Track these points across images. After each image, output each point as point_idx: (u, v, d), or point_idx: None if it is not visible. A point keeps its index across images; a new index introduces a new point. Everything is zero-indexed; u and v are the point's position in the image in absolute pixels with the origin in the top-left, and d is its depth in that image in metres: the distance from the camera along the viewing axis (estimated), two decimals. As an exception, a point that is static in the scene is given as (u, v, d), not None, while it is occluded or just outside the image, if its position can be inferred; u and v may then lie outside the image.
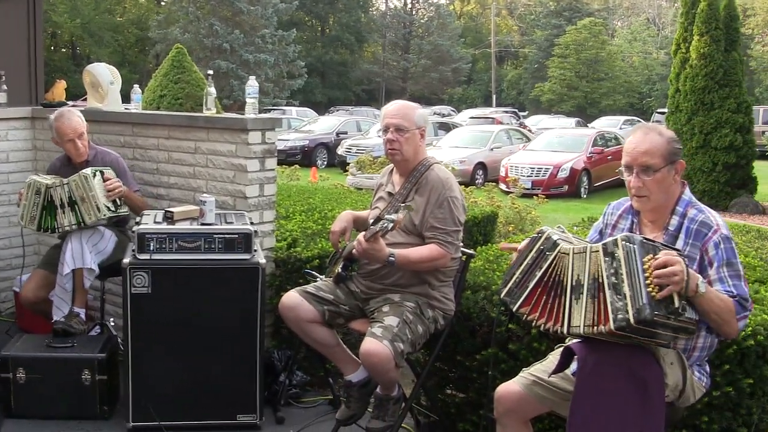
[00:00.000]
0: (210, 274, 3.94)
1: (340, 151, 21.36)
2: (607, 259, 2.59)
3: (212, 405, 4.00)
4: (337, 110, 38.10)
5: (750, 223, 10.20)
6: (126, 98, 5.56)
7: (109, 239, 4.56)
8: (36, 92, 6.78)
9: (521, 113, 37.72)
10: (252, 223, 4.17)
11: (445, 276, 3.66)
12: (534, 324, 2.81)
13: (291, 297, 3.68)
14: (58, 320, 4.39)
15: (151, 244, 3.92)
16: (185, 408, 3.98)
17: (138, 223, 4.08)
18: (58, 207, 4.42)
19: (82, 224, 4.39)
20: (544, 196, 10.55)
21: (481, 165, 18.18)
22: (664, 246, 2.62)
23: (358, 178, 14.02)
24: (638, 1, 61.21)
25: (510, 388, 2.91)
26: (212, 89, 4.82)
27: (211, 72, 5.18)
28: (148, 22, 44.99)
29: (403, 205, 3.44)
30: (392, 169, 3.85)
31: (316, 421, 4.16)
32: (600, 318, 2.56)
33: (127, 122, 5.13)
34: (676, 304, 2.49)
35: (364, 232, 3.42)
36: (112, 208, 4.43)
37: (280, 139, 21.93)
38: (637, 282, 2.50)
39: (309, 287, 3.75)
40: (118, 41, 45.47)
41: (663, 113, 18.52)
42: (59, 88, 5.90)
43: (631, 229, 2.96)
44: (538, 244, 2.81)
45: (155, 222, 4.11)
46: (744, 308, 2.70)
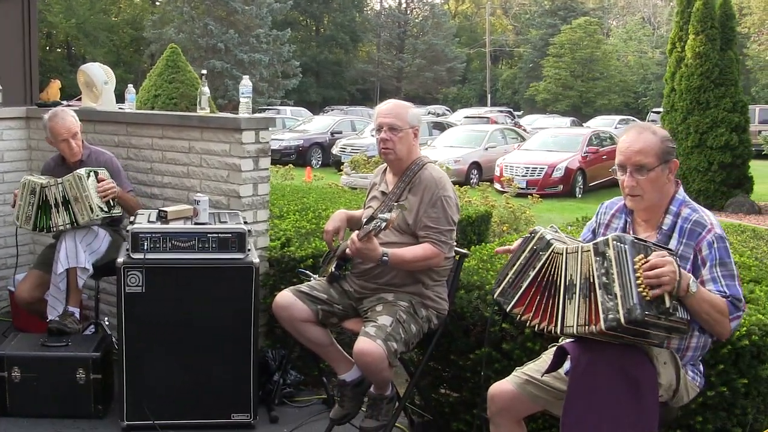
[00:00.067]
0: (204, 274, 3.94)
1: (335, 150, 21.35)
2: (598, 258, 2.59)
3: (206, 404, 4.00)
4: (332, 110, 38.11)
5: (746, 222, 10.21)
6: (120, 98, 5.56)
7: (103, 239, 4.56)
8: (31, 92, 6.77)
9: (516, 113, 37.72)
10: (246, 223, 4.17)
11: (438, 275, 3.66)
12: (528, 324, 2.80)
13: (284, 296, 3.68)
14: (53, 319, 4.39)
15: (145, 244, 3.92)
16: (179, 407, 3.98)
17: (132, 223, 4.08)
18: (53, 206, 4.42)
19: (75, 224, 4.40)
20: (538, 196, 10.56)
21: (475, 165, 18.18)
22: (656, 246, 2.62)
23: (353, 178, 14.00)
24: (633, 0, 61.29)
25: (503, 387, 2.91)
26: (206, 89, 4.82)
27: (204, 72, 5.18)
28: (142, 22, 44.93)
29: (397, 204, 3.44)
30: (386, 169, 3.86)
31: (309, 420, 4.16)
32: (592, 318, 2.57)
33: (121, 122, 5.13)
34: (667, 304, 2.49)
35: (357, 232, 3.42)
36: (105, 209, 4.43)
37: (275, 139, 21.91)
38: (628, 282, 2.50)
39: (303, 287, 3.75)
40: (113, 41, 45.39)
41: (658, 112, 18.56)
42: (54, 88, 5.90)
43: (624, 228, 2.96)
44: (531, 244, 2.81)
45: (149, 221, 4.11)
46: (737, 308, 2.70)
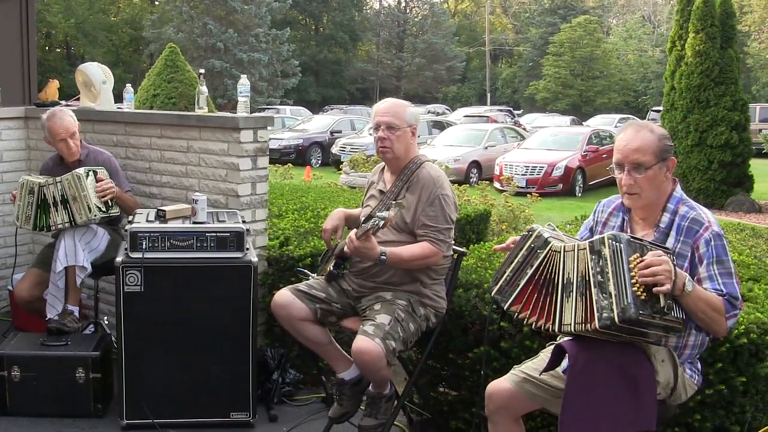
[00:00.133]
0: (202, 273, 3.94)
1: (335, 149, 21.34)
2: (593, 257, 2.60)
3: (205, 403, 4.00)
4: (332, 109, 38.11)
5: (746, 221, 10.21)
6: (119, 98, 5.56)
7: (102, 237, 4.56)
8: (29, 92, 6.77)
9: (516, 112, 37.73)
10: (244, 222, 4.17)
11: (436, 274, 3.66)
12: (525, 322, 2.81)
13: (283, 295, 3.68)
14: (52, 319, 4.39)
15: (144, 243, 3.92)
16: (179, 406, 3.99)
17: (130, 222, 4.08)
18: (51, 205, 4.42)
19: (73, 223, 4.40)
20: (537, 195, 10.55)
21: (475, 164, 18.19)
22: (653, 245, 2.62)
23: (352, 177, 14.00)
24: (633, -1, 61.33)
25: (501, 385, 2.91)
26: (204, 88, 4.82)
27: (202, 71, 5.18)
28: (142, 21, 44.93)
29: (394, 202, 3.45)
30: (383, 167, 3.86)
31: (308, 419, 4.16)
32: (587, 316, 2.57)
33: (120, 121, 5.13)
34: (661, 303, 2.49)
35: (355, 230, 3.42)
36: (104, 209, 4.43)
37: (275, 138, 21.91)
38: (623, 281, 2.50)
39: (301, 285, 3.75)
40: (112, 41, 45.39)
41: (658, 111, 18.54)
42: (52, 88, 5.89)
43: (622, 226, 2.96)
44: (528, 242, 2.81)
45: (147, 221, 4.11)
46: (734, 307, 2.69)
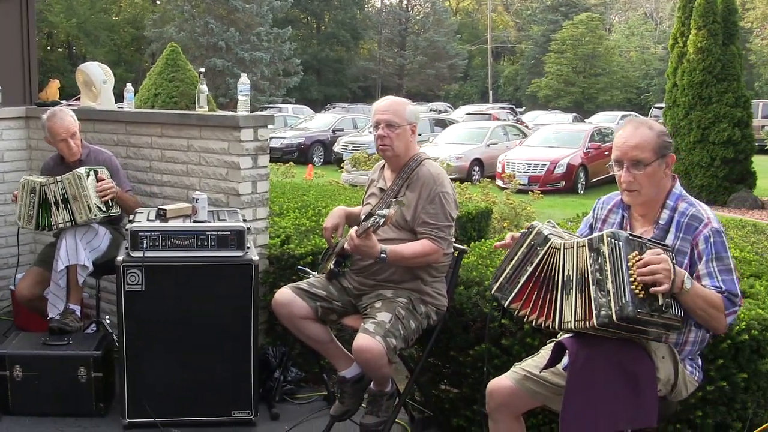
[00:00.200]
0: (203, 272, 3.94)
1: (337, 148, 21.36)
2: (592, 254, 2.59)
3: (207, 401, 4.01)
4: (334, 107, 38.11)
5: (749, 218, 10.19)
6: (120, 97, 5.56)
7: (104, 237, 4.57)
8: (30, 92, 6.77)
9: (518, 109, 37.70)
10: (245, 220, 4.18)
11: (437, 271, 3.66)
12: (525, 319, 2.81)
13: (284, 294, 3.68)
14: (54, 318, 4.40)
15: (144, 242, 3.92)
16: (180, 404, 3.99)
17: (131, 221, 4.09)
18: (53, 204, 4.42)
19: (73, 222, 4.40)
20: (539, 192, 10.54)
21: (477, 161, 18.19)
22: (652, 242, 2.62)
23: (353, 175, 14.01)
24: (635, -4, 61.21)
25: (502, 382, 2.90)
26: (204, 87, 4.82)
27: (202, 70, 5.18)
28: (143, 21, 44.96)
29: (394, 200, 3.45)
30: (384, 165, 3.86)
31: (310, 417, 4.16)
32: (587, 313, 2.57)
33: (120, 121, 5.13)
34: (660, 301, 2.49)
35: (356, 228, 3.42)
36: (104, 208, 4.43)
37: (277, 137, 21.93)
38: (621, 279, 2.50)
39: (302, 284, 3.75)
40: (114, 40, 45.43)
41: (661, 108, 18.51)
42: (53, 88, 5.90)
43: (621, 223, 2.96)
44: (528, 239, 2.81)
45: (148, 220, 4.11)
46: (733, 303, 2.69)
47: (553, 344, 2.82)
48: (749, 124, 13.61)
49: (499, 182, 15.04)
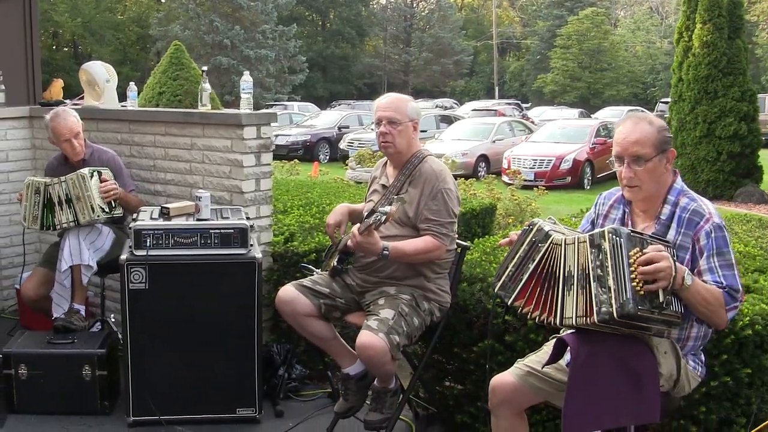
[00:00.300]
0: (206, 269, 3.95)
1: (342, 145, 21.35)
2: (593, 250, 2.59)
3: (212, 399, 4.02)
4: (339, 104, 38.09)
5: (755, 212, 10.16)
6: (124, 96, 5.57)
7: (107, 236, 4.58)
8: (34, 91, 6.79)
9: (524, 105, 37.64)
10: (248, 218, 4.18)
11: (440, 268, 3.66)
12: (529, 316, 2.80)
13: (287, 291, 3.69)
14: (59, 317, 4.41)
15: (148, 240, 3.93)
16: (185, 402, 4.00)
17: (134, 220, 4.10)
18: (56, 204, 4.44)
19: (76, 222, 4.41)
20: (544, 188, 10.53)
21: (483, 157, 18.15)
22: (653, 239, 2.61)
23: (358, 172, 14.02)
24: (641, -9, 61.01)
25: (504, 379, 2.90)
26: (207, 85, 4.83)
27: (205, 68, 5.18)
28: (148, 19, 45.03)
29: (396, 197, 3.45)
30: (386, 162, 3.85)
31: (315, 414, 4.17)
32: (588, 310, 2.56)
33: (124, 120, 5.14)
34: (660, 298, 2.49)
35: (358, 225, 3.42)
36: (107, 209, 4.44)
37: (282, 135, 21.96)
38: (622, 276, 2.49)
39: (305, 281, 3.76)
40: (119, 39, 45.54)
41: (667, 103, 18.48)
42: (56, 87, 5.90)
43: (623, 219, 2.95)
44: (529, 237, 2.80)
45: (151, 218, 4.12)
46: (734, 299, 2.68)
47: (555, 340, 2.82)
48: (755, 118, 13.55)
49: (504, 178, 15.04)
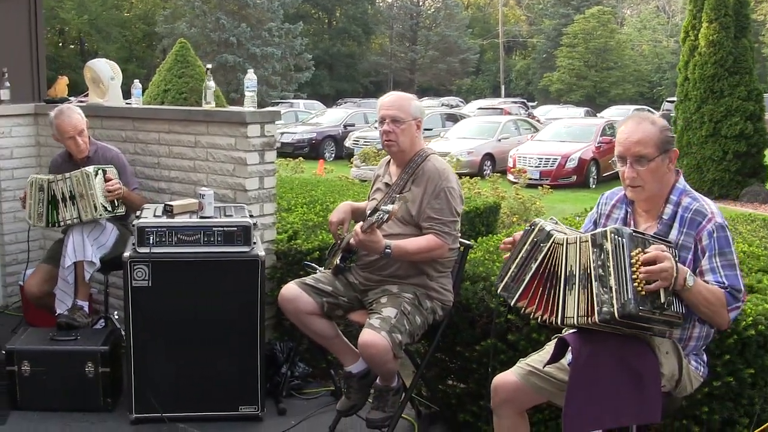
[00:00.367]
0: (209, 267, 3.95)
1: (348, 143, 21.36)
2: (595, 250, 2.58)
3: (214, 396, 4.02)
4: (345, 102, 38.09)
5: (761, 212, 10.12)
6: (128, 94, 5.57)
7: (111, 233, 4.58)
8: (38, 89, 6.79)
9: (530, 103, 37.57)
10: (252, 216, 4.18)
11: (443, 267, 3.66)
12: (531, 317, 2.80)
13: (290, 289, 3.69)
14: (62, 314, 4.42)
15: (151, 238, 3.94)
16: (188, 399, 4.01)
17: (138, 217, 4.10)
18: (60, 201, 4.44)
19: (79, 219, 4.42)
20: (549, 187, 10.52)
21: (489, 156, 18.14)
22: (655, 239, 2.61)
23: (362, 170, 14.02)
24: (647, -11, 60.85)
25: (506, 378, 2.90)
26: (211, 83, 4.83)
27: (210, 66, 5.18)
28: (155, 17, 45.05)
29: (398, 196, 3.45)
30: (389, 160, 3.86)
31: (317, 412, 4.17)
32: (589, 309, 2.56)
33: (128, 117, 5.15)
34: (662, 299, 2.48)
35: (361, 223, 3.42)
36: (109, 208, 4.45)
37: (288, 132, 21.97)
38: (624, 276, 2.49)
39: (308, 279, 3.76)
40: (126, 37, 45.57)
41: (673, 102, 18.41)
42: (61, 84, 5.92)
43: (625, 218, 2.95)
44: (531, 236, 2.80)
45: (155, 216, 4.13)
46: (736, 299, 2.67)
47: (556, 340, 2.82)
48: (762, 117, 13.52)
49: (510, 177, 15.02)
